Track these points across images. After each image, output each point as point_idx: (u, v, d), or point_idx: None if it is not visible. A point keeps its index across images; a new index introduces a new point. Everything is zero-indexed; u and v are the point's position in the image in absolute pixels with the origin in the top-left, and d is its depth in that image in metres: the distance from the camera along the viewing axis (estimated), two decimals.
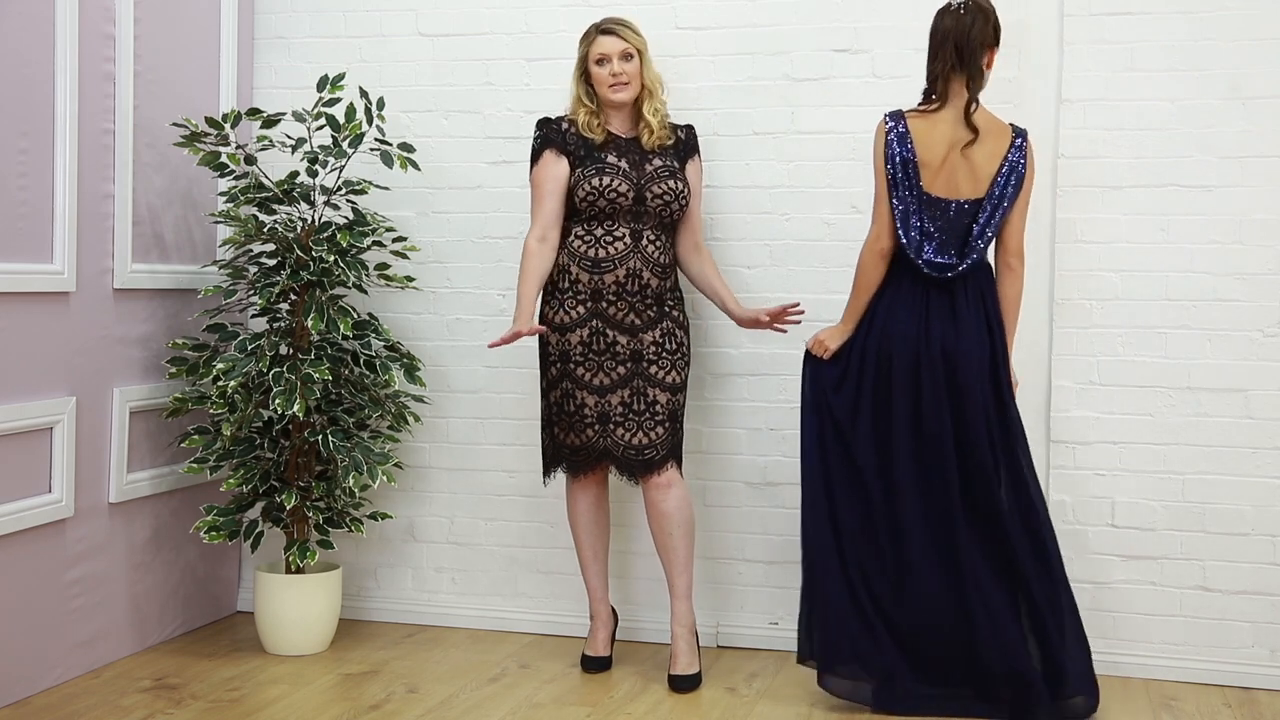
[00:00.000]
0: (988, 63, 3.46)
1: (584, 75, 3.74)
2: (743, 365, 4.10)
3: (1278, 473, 3.77)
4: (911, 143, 3.43)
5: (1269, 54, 3.74)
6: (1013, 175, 3.42)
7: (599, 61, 3.70)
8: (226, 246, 4.12)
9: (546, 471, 3.86)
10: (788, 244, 4.06)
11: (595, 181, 3.67)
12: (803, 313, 3.75)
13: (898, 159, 3.43)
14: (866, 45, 3.99)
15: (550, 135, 3.74)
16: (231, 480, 3.87)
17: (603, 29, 3.72)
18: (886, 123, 3.46)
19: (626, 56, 3.70)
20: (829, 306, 4.01)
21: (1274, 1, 3.73)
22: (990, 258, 3.55)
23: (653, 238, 3.72)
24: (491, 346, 3.66)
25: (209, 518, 3.87)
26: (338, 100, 3.95)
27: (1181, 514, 3.82)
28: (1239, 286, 3.78)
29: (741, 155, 4.08)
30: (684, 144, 3.83)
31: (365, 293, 4.12)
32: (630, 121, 3.79)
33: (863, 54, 3.99)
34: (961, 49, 3.41)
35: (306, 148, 3.95)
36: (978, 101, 3.43)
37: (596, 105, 3.74)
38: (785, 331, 3.80)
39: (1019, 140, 3.45)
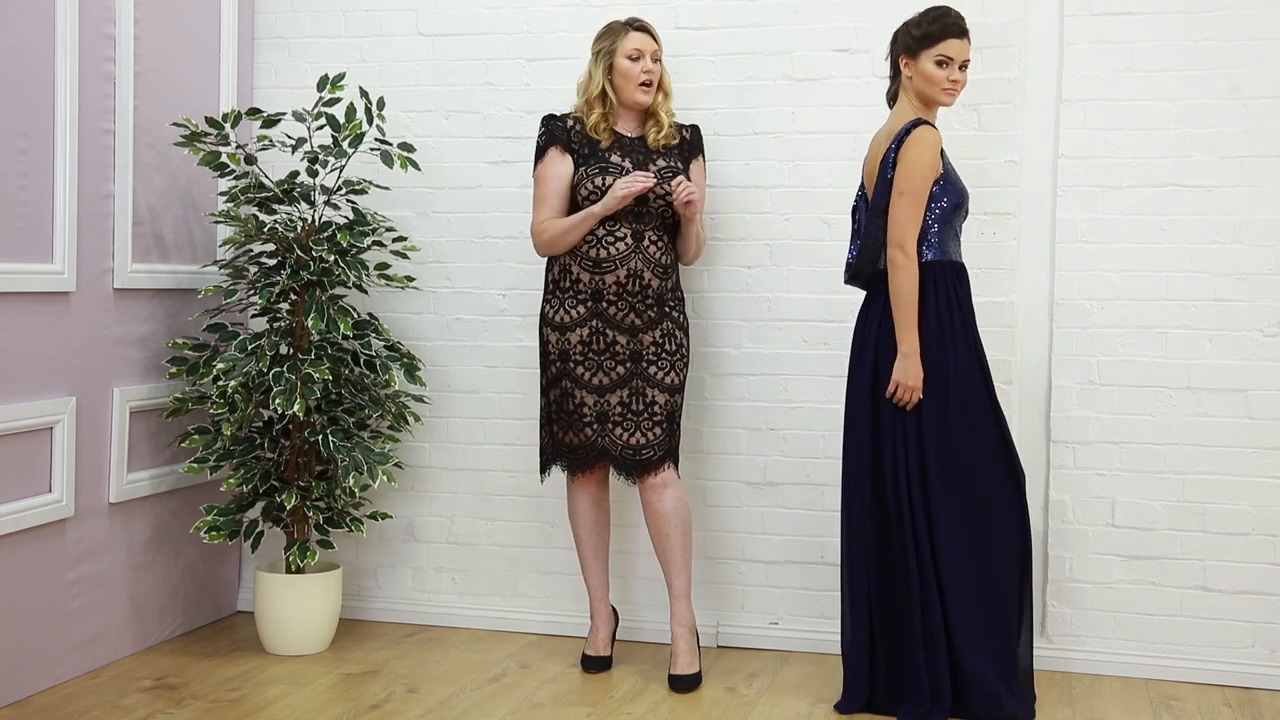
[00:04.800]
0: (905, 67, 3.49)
1: (609, 70, 3.73)
2: (743, 365, 4.10)
3: (1278, 473, 3.77)
4: (867, 155, 3.58)
5: (1269, 54, 3.74)
6: (886, 167, 3.43)
7: (633, 58, 3.69)
8: (226, 246, 4.12)
9: (543, 469, 3.86)
10: (788, 244, 4.06)
11: (599, 180, 3.67)
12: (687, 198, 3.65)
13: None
14: (866, 45, 3.99)
15: (556, 132, 3.74)
16: (231, 480, 3.87)
17: (636, 26, 3.73)
18: None
19: (655, 58, 3.71)
20: (829, 306, 4.02)
21: (1274, 1, 3.73)
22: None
23: (655, 238, 3.72)
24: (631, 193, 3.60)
25: (209, 518, 3.87)
26: (338, 100, 3.95)
27: (1181, 514, 3.82)
28: (1239, 286, 3.78)
29: (742, 155, 4.07)
30: (688, 144, 3.83)
31: (365, 293, 4.12)
32: (636, 121, 3.79)
33: (863, 54, 3.99)
34: (892, 59, 3.55)
35: (306, 148, 3.95)
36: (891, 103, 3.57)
37: (612, 104, 3.73)
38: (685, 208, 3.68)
39: (901, 131, 3.43)
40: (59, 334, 3.62)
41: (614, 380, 3.69)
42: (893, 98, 3.55)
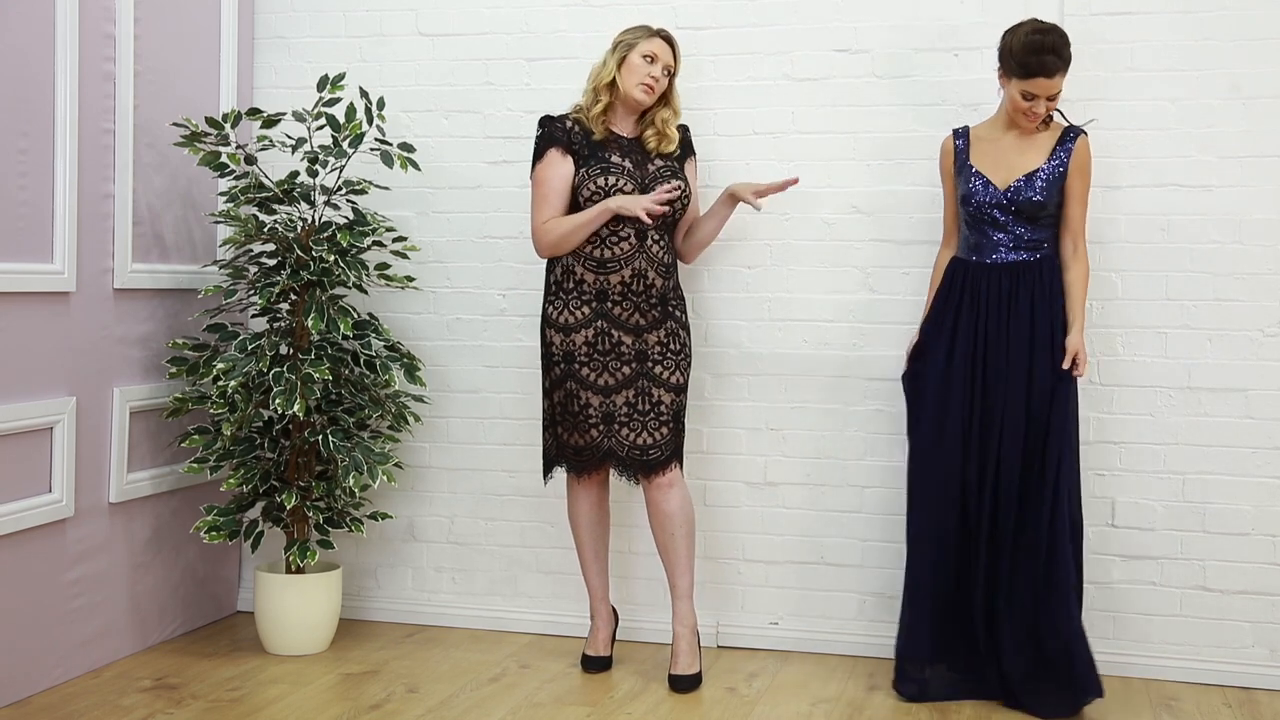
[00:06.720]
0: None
1: (621, 61, 3.71)
2: (743, 365, 4.10)
3: (1278, 473, 3.77)
4: None
5: (1269, 54, 3.74)
6: None
7: (647, 58, 3.69)
8: (226, 246, 4.12)
9: (546, 471, 3.86)
10: (788, 244, 4.06)
11: (601, 181, 3.67)
12: (795, 182, 3.74)
13: None
14: (866, 45, 3.99)
15: (555, 133, 3.73)
16: (231, 480, 3.87)
17: (661, 34, 3.74)
18: None
19: (667, 70, 3.71)
20: (829, 306, 4.02)
21: (1274, 1, 3.73)
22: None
23: (657, 238, 3.72)
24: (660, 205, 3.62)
25: (209, 518, 3.87)
26: (338, 100, 3.95)
27: (1181, 514, 3.82)
28: (1239, 286, 3.78)
29: (742, 155, 4.08)
30: (681, 144, 3.83)
31: (365, 293, 4.12)
32: (633, 124, 3.79)
33: (863, 54, 3.99)
34: None
35: (307, 148, 3.95)
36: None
37: (618, 94, 3.72)
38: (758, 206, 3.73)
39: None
40: (59, 334, 3.62)
41: (620, 381, 3.69)
42: None
